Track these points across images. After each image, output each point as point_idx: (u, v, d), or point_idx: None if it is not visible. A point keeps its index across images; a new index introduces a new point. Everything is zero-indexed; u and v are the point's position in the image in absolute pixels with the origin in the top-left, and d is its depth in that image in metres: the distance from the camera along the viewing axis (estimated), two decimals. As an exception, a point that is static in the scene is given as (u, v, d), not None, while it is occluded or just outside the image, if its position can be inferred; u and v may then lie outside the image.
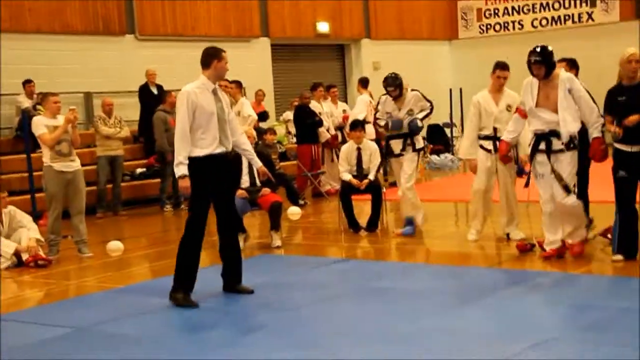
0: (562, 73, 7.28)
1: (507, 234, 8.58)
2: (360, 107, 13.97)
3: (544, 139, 7.31)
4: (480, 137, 8.53)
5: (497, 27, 21.46)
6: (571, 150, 7.21)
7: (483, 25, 21.70)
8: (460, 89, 18.00)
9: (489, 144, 8.48)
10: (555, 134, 7.24)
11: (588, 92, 7.21)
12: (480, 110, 8.50)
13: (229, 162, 6.70)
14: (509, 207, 8.55)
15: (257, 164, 7.11)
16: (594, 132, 7.18)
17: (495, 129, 8.42)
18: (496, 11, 21.45)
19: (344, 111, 14.36)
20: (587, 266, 7.33)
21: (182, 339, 5.71)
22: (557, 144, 7.25)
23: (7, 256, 8.79)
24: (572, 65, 8.26)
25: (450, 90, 18.90)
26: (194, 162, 6.46)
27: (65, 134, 8.93)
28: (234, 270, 6.81)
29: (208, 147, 6.47)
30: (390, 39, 20.61)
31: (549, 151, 7.31)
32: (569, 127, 7.12)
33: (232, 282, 6.81)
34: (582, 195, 7.60)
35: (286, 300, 6.48)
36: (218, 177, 6.58)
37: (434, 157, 17.83)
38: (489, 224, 8.88)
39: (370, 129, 12.66)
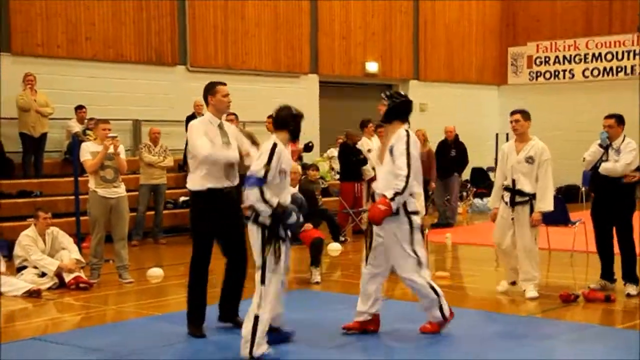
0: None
1: (524, 291, 8.22)
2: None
3: None
4: (503, 188, 8.27)
5: (547, 75, 21.35)
6: None
7: (533, 72, 21.63)
8: (507, 134, 17.89)
9: (506, 196, 8.20)
10: None
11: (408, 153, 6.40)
12: (504, 158, 8.29)
13: (234, 197, 6.58)
14: (526, 264, 8.17)
15: None
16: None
17: (513, 181, 8.11)
18: (547, 59, 21.37)
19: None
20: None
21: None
22: None
23: (49, 274, 8.92)
24: (620, 121, 8.19)
25: (497, 135, 18.82)
26: (197, 196, 6.47)
27: (110, 161, 9.09)
28: (234, 302, 6.76)
29: (213, 181, 6.42)
30: (439, 81, 20.65)
31: None
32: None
33: (231, 313, 6.77)
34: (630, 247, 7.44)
35: (321, 338, 6.45)
36: (222, 213, 6.47)
37: (477, 201, 17.74)
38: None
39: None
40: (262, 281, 5.48)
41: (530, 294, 8.11)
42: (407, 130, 6.48)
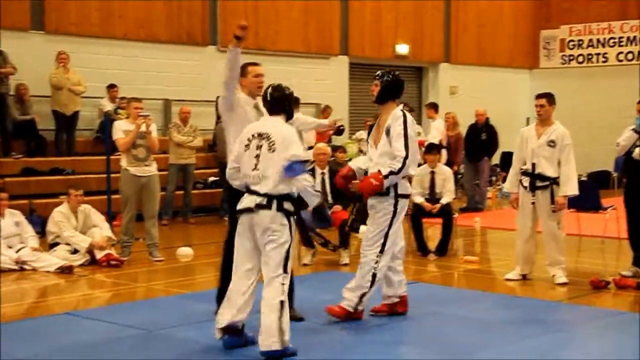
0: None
1: (553, 276, 8.18)
2: (435, 131, 14.05)
3: None
4: (521, 172, 8.19)
5: (580, 59, 21.11)
6: None
7: (566, 56, 21.38)
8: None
9: (526, 181, 8.11)
10: None
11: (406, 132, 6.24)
12: (523, 142, 8.20)
13: None
14: (551, 249, 8.14)
15: None
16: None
17: (533, 165, 8.03)
18: (580, 42, 21.11)
19: (419, 134, 14.28)
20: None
21: (246, 349, 5.75)
22: None
23: (81, 250, 9.03)
24: None
25: (528, 119, 18.68)
26: None
27: (142, 140, 9.15)
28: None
29: None
30: (469, 64, 20.49)
31: None
32: None
33: None
34: None
35: (348, 321, 6.46)
36: None
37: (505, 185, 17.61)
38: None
39: (444, 153, 12.68)
40: (285, 269, 5.41)
41: (560, 280, 8.06)
42: (402, 110, 6.34)
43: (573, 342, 6.13)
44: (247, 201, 5.45)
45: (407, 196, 6.43)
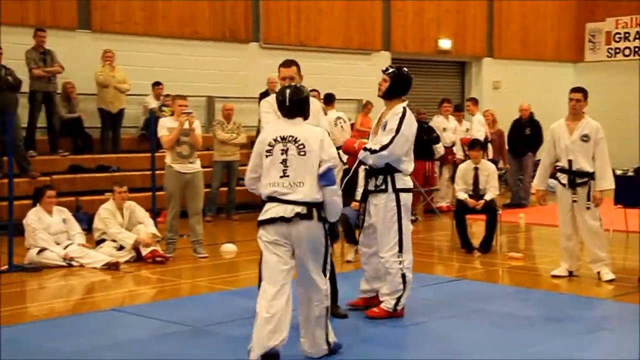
0: None
1: (598, 273, 8.07)
2: (478, 125, 13.93)
3: None
4: (557, 169, 8.09)
5: (627, 52, 20.73)
6: None
7: (612, 49, 21.02)
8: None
9: (563, 178, 8.00)
10: None
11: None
12: (554, 139, 8.07)
13: None
14: (591, 246, 8.02)
15: None
16: None
17: (569, 161, 7.91)
18: (627, 35, 20.73)
19: (467, 130, 14.18)
20: None
21: (291, 345, 5.76)
22: None
23: (127, 247, 9.13)
24: None
25: (573, 113, 18.40)
26: None
27: (186, 137, 9.21)
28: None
29: None
30: (513, 58, 20.26)
31: None
32: None
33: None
34: None
35: (392, 317, 6.44)
36: None
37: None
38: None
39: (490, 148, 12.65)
40: (325, 272, 5.28)
41: (606, 276, 7.95)
42: (404, 107, 6.31)
43: (618, 341, 6.02)
44: (278, 210, 5.08)
45: (408, 190, 6.38)
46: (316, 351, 5.26)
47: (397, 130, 6.18)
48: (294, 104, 5.22)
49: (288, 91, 5.26)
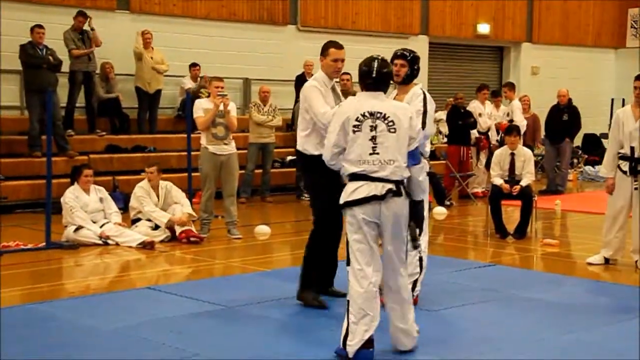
0: None
1: (636, 262, 7.96)
2: (518, 112, 13.81)
3: None
4: (619, 156, 7.93)
5: (670, 37, 20.35)
6: None
7: (654, 35, 20.65)
8: (623, 100, 17.22)
9: (625, 165, 7.86)
10: None
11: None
12: (619, 125, 7.90)
13: None
14: (638, 235, 7.87)
15: None
16: None
17: (632, 148, 7.76)
18: (670, 20, 20.35)
19: (507, 114, 14.02)
20: None
21: (323, 328, 5.78)
22: None
23: (161, 226, 9.20)
24: None
25: (612, 100, 18.15)
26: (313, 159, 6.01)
27: (221, 119, 9.23)
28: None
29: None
30: (553, 43, 19.99)
31: None
32: None
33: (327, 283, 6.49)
34: None
35: (426, 301, 6.41)
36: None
37: (588, 168, 17.22)
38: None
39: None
40: (406, 254, 5.11)
41: None
42: (422, 89, 6.13)
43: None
44: (369, 189, 4.88)
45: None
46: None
47: (425, 112, 6.01)
48: (382, 76, 5.07)
49: (376, 63, 5.10)
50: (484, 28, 18.66)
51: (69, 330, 5.64)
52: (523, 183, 9.69)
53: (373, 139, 4.91)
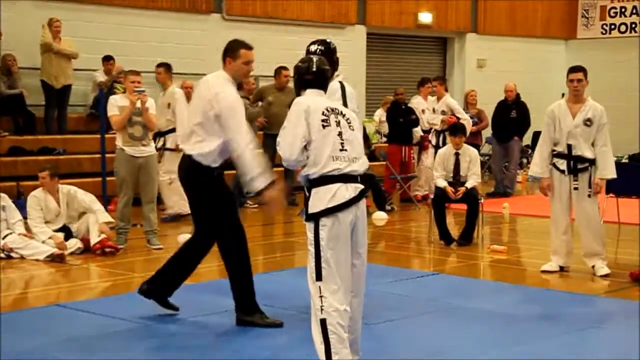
0: None
1: (593, 267, 8.15)
2: (460, 110, 13.75)
3: None
4: (553, 154, 8.12)
5: (623, 28, 20.92)
6: None
7: (606, 25, 21.20)
8: (574, 95, 17.67)
9: (562, 164, 8.05)
10: None
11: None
12: (554, 122, 8.09)
13: None
14: (588, 238, 8.09)
15: None
16: None
17: (569, 146, 7.97)
18: (623, 10, 20.91)
19: (443, 112, 14.07)
20: None
21: (250, 343, 5.79)
22: None
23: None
24: None
25: (563, 95, 18.51)
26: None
27: (139, 117, 9.15)
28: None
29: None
30: (499, 34, 20.37)
31: None
32: None
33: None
34: None
35: (363, 313, 6.46)
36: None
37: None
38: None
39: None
40: None
41: (601, 271, 8.05)
42: (339, 81, 6.20)
43: (610, 339, 6.12)
44: (345, 192, 4.84)
45: None
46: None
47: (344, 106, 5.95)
48: (323, 74, 5.18)
49: (315, 59, 5.23)
50: (425, 17, 18.89)
51: (-33, 354, 5.53)
52: (468, 185, 9.84)
53: (340, 134, 4.95)
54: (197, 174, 6.15)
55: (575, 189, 8.02)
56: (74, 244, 9.13)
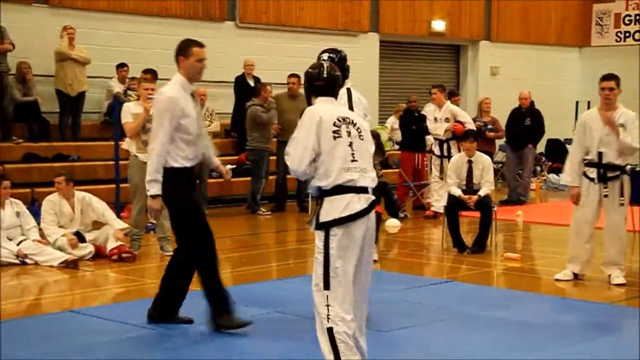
0: None
1: (609, 276, 8.13)
2: (464, 114, 13.67)
3: None
4: (585, 164, 8.08)
5: (637, 36, 20.84)
6: None
7: (621, 33, 21.13)
8: (589, 102, 17.58)
9: (592, 172, 8.01)
10: None
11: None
12: (585, 130, 8.06)
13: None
14: (612, 247, 8.06)
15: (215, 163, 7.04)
16: None
17: (600, 154, 7.94)
18: (638, 17, 20.83)
19: (447, 120, 13.97)
20: None
21: (265, 348, 5.79)
22: None
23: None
24: None
25: (577, 102, 18.52)
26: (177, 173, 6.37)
27: (152, 124, 9.17)
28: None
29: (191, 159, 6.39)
30: (513, 42, 20.35)
31: None
32: None
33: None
34: None
35: (376, 321, 6.46)
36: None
37: (552, 176, 17.54)
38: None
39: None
40: None
41: (617, 280, 8.01)
42: (347, 87, 6.25)
43: (624, 347, 6.08)
44: (356, 202, 4.83)
45: None
46: None
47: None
48: (334, 80, 5.14)
49: (326, 65, 5.21)
50: (439, 25, 18.90)
51: (-19, 360, 5.56)
52: (482, 193, 9.83)
53: (351, 145, 4.91)
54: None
55: (605, 196, 7.98)
56: (85, 247, 9.16)
